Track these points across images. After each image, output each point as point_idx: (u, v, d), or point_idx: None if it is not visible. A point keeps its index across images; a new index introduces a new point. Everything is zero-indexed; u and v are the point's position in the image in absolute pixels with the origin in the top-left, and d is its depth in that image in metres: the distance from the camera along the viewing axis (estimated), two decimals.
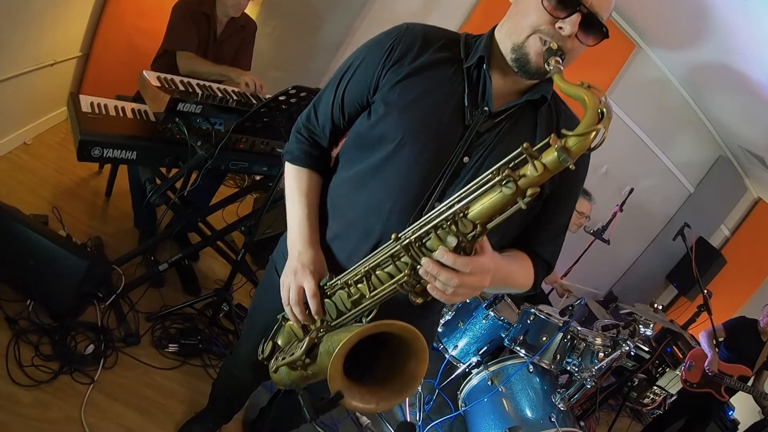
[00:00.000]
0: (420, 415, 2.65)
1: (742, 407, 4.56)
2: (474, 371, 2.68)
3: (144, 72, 2.04)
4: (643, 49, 4.09)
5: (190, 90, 2.07)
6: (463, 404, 2.65)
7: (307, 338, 1.04)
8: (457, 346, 2.80)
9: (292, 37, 3.55)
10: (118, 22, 3.29)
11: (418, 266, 0.87)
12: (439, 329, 2.77)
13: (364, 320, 1.00)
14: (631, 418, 4.41)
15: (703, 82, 4.00)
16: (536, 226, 1.11)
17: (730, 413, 4.61)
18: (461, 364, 2.79)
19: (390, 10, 3.58)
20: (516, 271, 1.08)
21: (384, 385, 0.97)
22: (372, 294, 0.96)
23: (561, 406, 2.41)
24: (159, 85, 1.97)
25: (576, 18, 0.92)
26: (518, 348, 2.54)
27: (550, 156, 0.77)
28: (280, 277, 1.15)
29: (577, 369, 2.51)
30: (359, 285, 0.98)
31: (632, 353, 2.52)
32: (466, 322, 2.75)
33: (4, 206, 1.94)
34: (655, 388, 4.47)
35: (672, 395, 4.39)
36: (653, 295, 5.33)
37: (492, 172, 0.81)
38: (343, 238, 1.11)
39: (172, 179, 2.04)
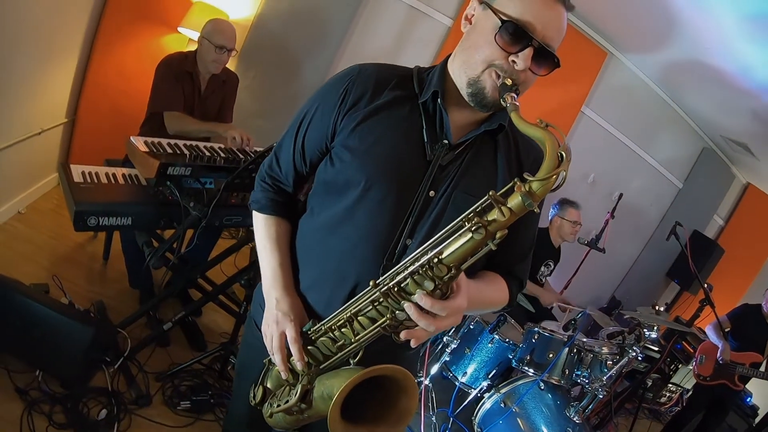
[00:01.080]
0: None
1: (760, 393, 4.55)
2: (486, 395, 2.67)
3: (131, 138, 2.08)
4: (615, 56, 4.19)
5: (178, 152, 2.11)
6: (479, 429, 2.63)
7: (299, 385, 1.05)
8: (466, 372, 2.79)
9: (272, 85, 3.63)
10: (102, 86, 3.34)
11: (398, 310, 0.91)
12: (447, 358, 2.77)
13: (351, 361, 1.02)
14: (650, 419, 4.39)
15: (677, 79, 4.08)
16: (506, 249, 1.10)
17: (747, 400, 4.59)
18: (472, 390, 2.78)
19: (364, 47, 3.68)
20: (490, 294, 1.12)
21: (379, 423, 1.00)
22: (357, 338, 0.98)
23: (576, 419, 2.39)
24: (147, 150, 2.01)
25: (529, 52, 0.94)
26: (526, 368, 2.54)
27: (515, 201, 0.81)
28: (260, 330, 1.15)
29: (587, 381, 2.51)
30: (343, 330, 1.00)
31: (640, 357, 2.49)
32: (472, 348, 2.75)
33: (5, 279, 1.97)
34: (670, 385, 4.48)
35: (688, 390, 4.40)
36: (656, 294, 5.34)
37: (462, 220, 0.85)
38: (318, 287, 1.11)
39: (169, 241, 2.06)
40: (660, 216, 5.00)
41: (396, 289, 0.91)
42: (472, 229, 0.83)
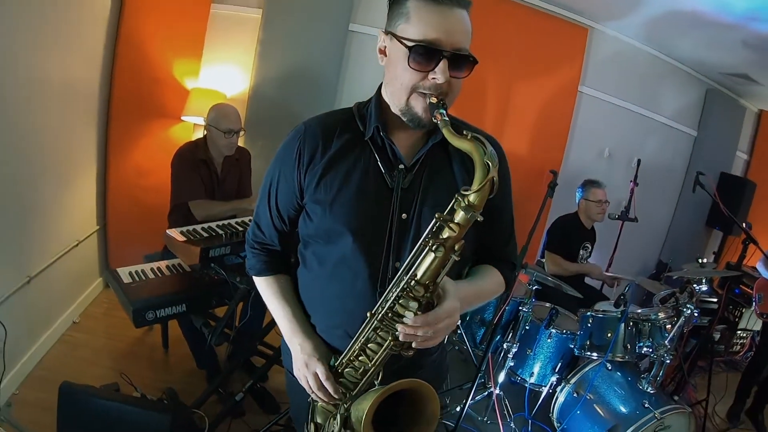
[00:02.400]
0: None
1: None
2: (558, 389, 2.71)
3: (167, 231, 2.23)
4: (596, 28, 4.23)
5: (214, 234, 2.25)
6: (558, 424, 2.66)
7: (338, 415, 1.16)
8: (533, 372, 2.83)
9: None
10: (123, 188, 3.52)
11: (397, 333, 1.01)
12: (511, 363, 2.81)
13: (375, 383, 1.12)
14: (727, 371, 4.27)
15: (661, 33, 4.10)
16: (489, 237, 1.23)
17: None
18: (543, 388, 2.82)
19: (360, 85, 3.82)
20: (483, 285, 1.22)
21: (412, 430, 1.11)
22: (373, 362, 1.09)
23: (650, 390, 2.42)
24: (185, 239, 2.16)
25: (443, 65, 0.99)
26: (588, 353, 2.57)
27: (459, 216, 0.94)
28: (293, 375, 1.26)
29: (651, 350, 2.52)
30: (360, 358, 1.11)
31: (696, 313, 2.51)
32: (533, 348, 2.78)
33: (76, 386, 2.04)
34: (739, 332, 4.39)
35: (758, 332, 4.29)
36: (701, 246, 5.26)
37: (422, 243, 0.97)
38: (332, 328, 1.21)
39: (225, 317, 2.17)
40: (684, 169, 4.96)
41: (389, 315, 1.02)
42: (433, 248, 0.97)
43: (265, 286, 1.30)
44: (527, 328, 2.78)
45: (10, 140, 2.26)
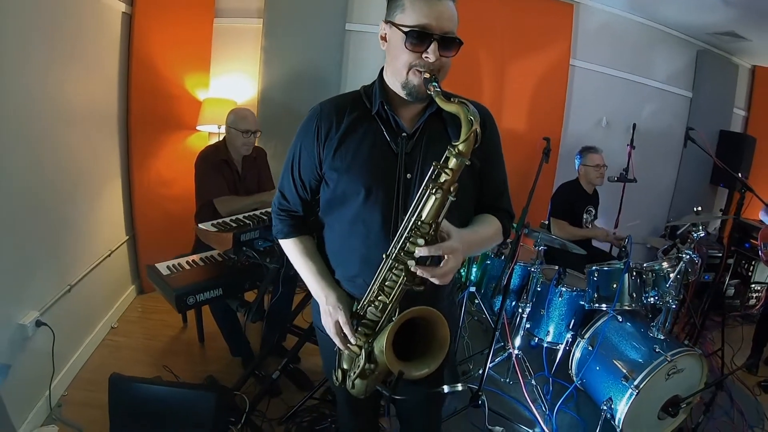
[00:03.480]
0: (544, 405, 2.79)
1: None
2: (574, 346, 2.82)
3: (200, 225, 2.46)
4: (581, 3, 4.36)
5: (242, 224, 2.48)
6: (578, 380, 2.74)
7: (362, 351, 1.32)
8: (549, 332, 2.95)
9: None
10: (148, 198, 3.72)
11: (410, 267, 1.19)
12: (527, 325, 2.93)
13: (394, 319, 1.29)
14: (742, 324, 4.25)
15: (645, 0, 4.22)
16: (485, 188, 1.44)
17: None
18: (560, 345, 2.94)
19: (363, 79, 3.92)
20: (483, 232, 1.39)
21: (427, 354, 1.31)
22: (391, 298, 1.27)
23: (660, 336, 2.51)
24: (217, 229, 2.39)
25: (434, 46, 1.20)
26: (597, 305, 2.69)
27: (452, 162, 1.15)
28: (321, 330, 1.46)
29: (658, 298, 2.62)
30: (379, 297, 1.29)
31: (696, 259, 2.57)
32: (546, 308, 2.90)
33: (123, 376, 2.17)
34: (753, 285, 4.44)
35: None
36: (708, 204, 5.32)
37: (424, 188, 1.17)
38: (353, 278, 1.40)
39: (259, 295, 2.33)
40: (682, 131, 4.93)
41: (401, 253, 1.21)
42: (433, 192, 1.16)
43: (291, 247, 1.49)
44: (539, 289, 2.90)
45: (41, 161, 2.47)
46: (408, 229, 1.20)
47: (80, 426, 2.37)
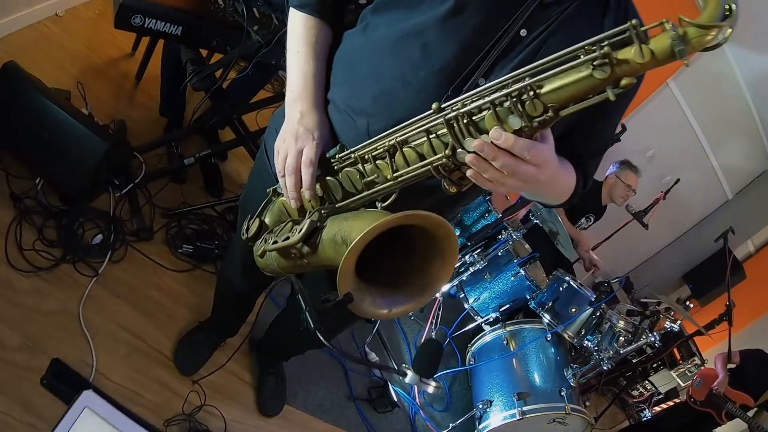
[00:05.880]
0: None
1: None
2: (489, 327, 2.63)
3: None
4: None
5: None
6: (472, 359, 2.62)
7: (307, 221, 0.87)
8: (479, 298, 2.75)
9: None
10: None
11: (460, 149, 0.73)
12: (464, 278, 2.73)
13: (378, 204, 0.85)
14: (616, 404, 4.37)
15: None
16: (584, 134, 0.96)
17: None
18: (479, 317, 2.76)
19: None
20: (564, 176, 0.94)
21: (398, 288, 0.85)
22: (395, 175, 0.81)
23: (572, 382, 2.37)
24: None
25: None
26: (545, 313, 2.47)
27: (663, 43, 0.60)
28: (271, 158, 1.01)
29: (596, 348, 2.46)
30: (378, 162, 0.83)
31: (657, 344, 2.51)
32: (493, 276, 2.68)
33: (25, 74, 1.77)
34: (647, 382, 4.47)
35: (660, 393, 4.39)
36: (666, 291, 5.19)
37: (583, 48, 0.65)
38: (355, 111, 0.93)
39: (218, 64, 1.88)
40: (700, 218, 4.85)
41: (465, 120, 0.72)
42: (594, 62, 0.63)
43: (299, 25, 1.00)
44: (500, 254, 2.66)
45: None
46: (505, 91, 0.70)
47: None
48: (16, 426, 1.40)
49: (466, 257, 2.67)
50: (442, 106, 0.73)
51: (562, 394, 2.28)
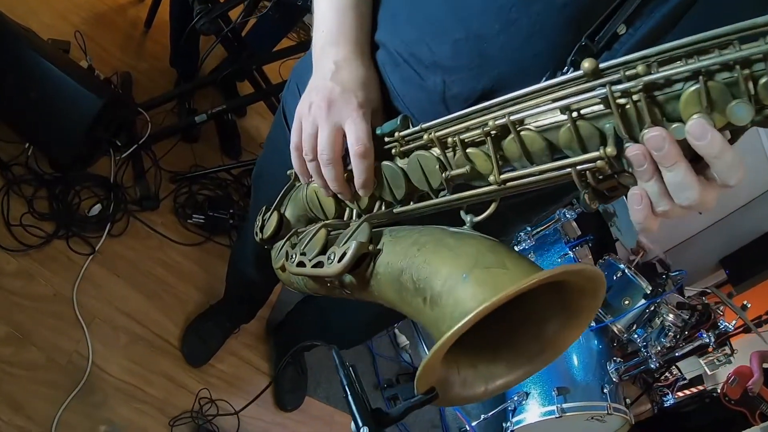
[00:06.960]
0: None
1: None
2: None
3: None
4: None
5: None
6: None
7: (352, 243, 0.54)
8: None
9: None
10: None
11: (628, 143, 0.42)
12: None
13: (467, 219, 0.53)
14: (639, 386, 4.20)
15: None
16: None
17: None
18: None
19: None
20: None
21: (498, 355, 0.54)
22: (505, 178, 0.50)
23: (614, 378, 2.19)
24: None
25: None
26: None
27: None
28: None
29: (643, 343, 2.29)
30: (471, 152, 0.51)
31: (712, 346, 2.42)
32: (537, 255, 2.48)
33: (14, 26, 1.55)
34: (673, 367, 4.31)
35: (685, 378, 4.25)
36: (701, 275, 5.00)
37: None
38: (426, 60, 0.61)
39: (229, 3, 1.60)
40: (745, 201, 4.53)
41: (646, 96, 0.40)
42: None
43: None
44: (547, 233, 2.46)
45: None
46: (720, 59, 0.37)
47: None
48: (4, 429, 1.24)
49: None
50: (601, 66, 0.42)
51: (605, 391, 2.12)
